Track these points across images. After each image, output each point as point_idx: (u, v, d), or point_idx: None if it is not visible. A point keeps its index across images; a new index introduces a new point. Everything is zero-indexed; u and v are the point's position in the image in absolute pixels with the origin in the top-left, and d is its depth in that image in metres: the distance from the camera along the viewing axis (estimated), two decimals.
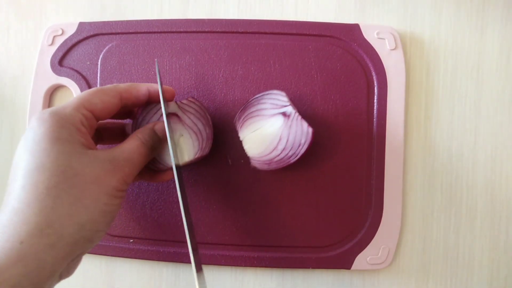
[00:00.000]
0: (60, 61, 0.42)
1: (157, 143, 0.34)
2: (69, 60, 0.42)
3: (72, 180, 0.27)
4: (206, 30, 0.41)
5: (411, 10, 0.42)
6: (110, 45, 0.42)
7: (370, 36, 0.41)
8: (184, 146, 0.36)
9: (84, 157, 0.29)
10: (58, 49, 0.42)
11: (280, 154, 0.35)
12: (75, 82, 0.42)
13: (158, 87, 0.35)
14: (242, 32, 0.41)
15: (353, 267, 0.40)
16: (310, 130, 0.35)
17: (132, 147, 0.32)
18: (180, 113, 0.36)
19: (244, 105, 0.37)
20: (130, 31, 0.42)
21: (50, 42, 0.42)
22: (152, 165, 0.35)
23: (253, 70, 0.41)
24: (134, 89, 0.34)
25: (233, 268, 0.42)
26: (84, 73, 0.41)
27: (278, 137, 0.35)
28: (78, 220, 0.27)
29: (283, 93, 0.36)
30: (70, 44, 0.42)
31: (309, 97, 0.40)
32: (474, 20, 0.42)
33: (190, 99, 0.37)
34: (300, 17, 0.42)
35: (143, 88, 0.35)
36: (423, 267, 0.41)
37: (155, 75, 0.41)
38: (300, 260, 0.40)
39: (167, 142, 0.34)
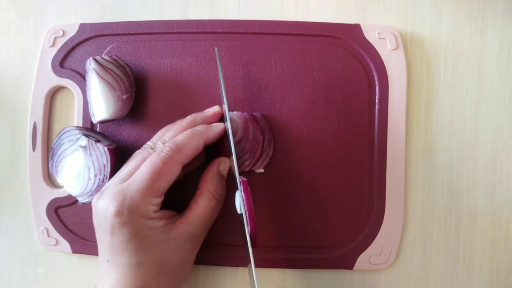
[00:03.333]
0: (61, 63, 0.42)
1: (223, 189, 0.38)
2: (70, 62, 0.42)
3: (166, 268, 0.34)
4: (207, 31, 0.41)
5: (412, 10, 0.42)
6: (111, 46, 0.42)
7: (371, 36, 0.41)
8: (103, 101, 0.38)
9: (171, 244, 0.34)
10: (59, 51, 0.42)
11: (95, 181, 0.38)
12: (76, 83, 0.42)
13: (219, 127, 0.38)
14: (243, 33, 0.41)
15: (355, 267, 0.40)
16: (106, 148, 0.37)
17: (206, 210, 0.36)
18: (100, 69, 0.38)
19: (50, 154, 0.40)
20: (131, 32, 0.42)
21: (51, 43, 0.42)
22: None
23: (254, 70, 0.41)
24: (214, 131, 0.37)
25: (234, 268, 0.42)
26: (85, 75, 0.41)
27: (86, 168, 0.38)
28: (177, 285, 0.36)
29: (74, 127, 0.39)
30: (71, 45, 0.42)
31: (310, 97, 0.40)
32: (474, 19, 0.42)
33: (113, 56, 0.40)
34: (300, 17, 0.42)
35: (218, 128, 0.37)
36: (423, 267, 0.41)
37: (155, 76, 0.41)
38: (302, 261, 0.40)
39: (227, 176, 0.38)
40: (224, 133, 0.38)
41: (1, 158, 0.44)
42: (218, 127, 0.37)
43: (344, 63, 0.41)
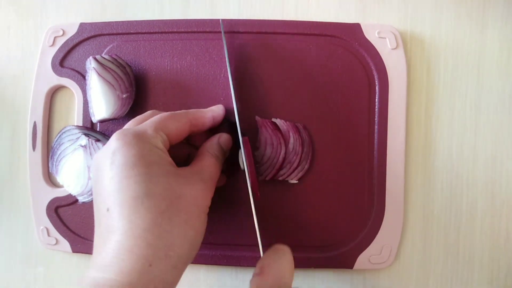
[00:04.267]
0: (61, 62, 0.42)
1: (223, 156, 0.36)
2: (70, 61, 0.42)
3: (177, 202, 0.29)
4: (207, 30, 0.41)
5: (412, 9, 0.42)
6: (111, 45, 0.42)
7: (371, 35, 0.41)
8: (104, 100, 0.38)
9: (180, 178, 0.30)
10: (59, 50, 0.42)
11: None
12: (76, 82, 0.42)
13: (219, 111, 0.37)
14: (243, 32, 0.41)
15: (355, 266, 0.40)
16: None
17: (210, 163, 0.33)
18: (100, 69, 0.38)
19: (50, 154, 0.40)
20: (131, 31, 0.42)
21: (51, 43, 0.42)
22: None
23: (254, 70, 0.41)
24: (202, 116, 0.35)
25: (234, 268, 0.42)
26: (85, 74, 0.41)
27: (86, 167, 0.38)
28: (189, 240, 0.29)
29: (74, 126, 0.40)
30: (71, 44, 0.42)
31: (310, 97, 0.40)
32: (474, 19, 0.42)
33: (113, 55, 0.40)
34: (300, 17, 0.42)
35: (208, 115, 0.36)
36: (423, 266, 0.41)
37: (155, 75, 0.41)
38: (303, 260, 0.40)
39: (228, 152, 0.36)
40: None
41: (1, 157, 0.44)
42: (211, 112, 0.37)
43: (344, 63, 0.41)
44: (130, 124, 0.33)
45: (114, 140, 0.29)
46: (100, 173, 0.29)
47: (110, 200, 0.28)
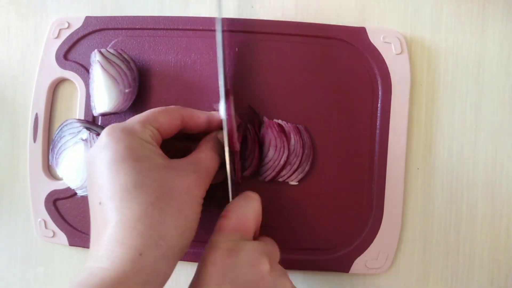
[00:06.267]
0: (65, 55, 0.42)
1: (222, 151, 0.35)
2: (74, 54, 0.42)
3: (169, 194, 0.29)
4: (212, 28, 0.41)
5: (412, 10, 0.42)
6: (116, 40, 0.42)
7: (376, 40, 0.41)
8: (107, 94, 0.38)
9: (171, 170, 0.30)
10: (63, 42, 0.42)
11: None
12: (80, 76, 0.42)
13: (218, 117, 0.36)
14: (245, 32, 0.41)
15: (352, 270, 0.40)
16: None
17: (208, 156, 0.34)
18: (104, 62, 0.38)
19: (51, 146, 0.40)
20: (137, 27, 0.42)
21: (56, 35, 0.42)
22: None
23: (257, 70, 0.41)
24: (195, 116, 0.35)
25: None
26: (89, 67, 0.41)
27: None
28: (181, 230, 0.29)
29: (75, 119, 0.40)
30: (76, 37, 0.42)
31: (313, 100, 0.40)
32: (474, 19, 0.42)
33: (119, 50, 0.39)
34: (300, 18, 0.42)
35: (203, 116, 0.36)
36: (423, 267, 0.41)
37: (159, 71, 0.41)
38: (299, 262, 0.40)
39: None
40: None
41: (1, 149, 0.44)
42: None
43: (348, 66, 0.40)
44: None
45: (104, 135, 0.30)
46: (92, 168, 0.30)
47: (101, 194, 0.29)
